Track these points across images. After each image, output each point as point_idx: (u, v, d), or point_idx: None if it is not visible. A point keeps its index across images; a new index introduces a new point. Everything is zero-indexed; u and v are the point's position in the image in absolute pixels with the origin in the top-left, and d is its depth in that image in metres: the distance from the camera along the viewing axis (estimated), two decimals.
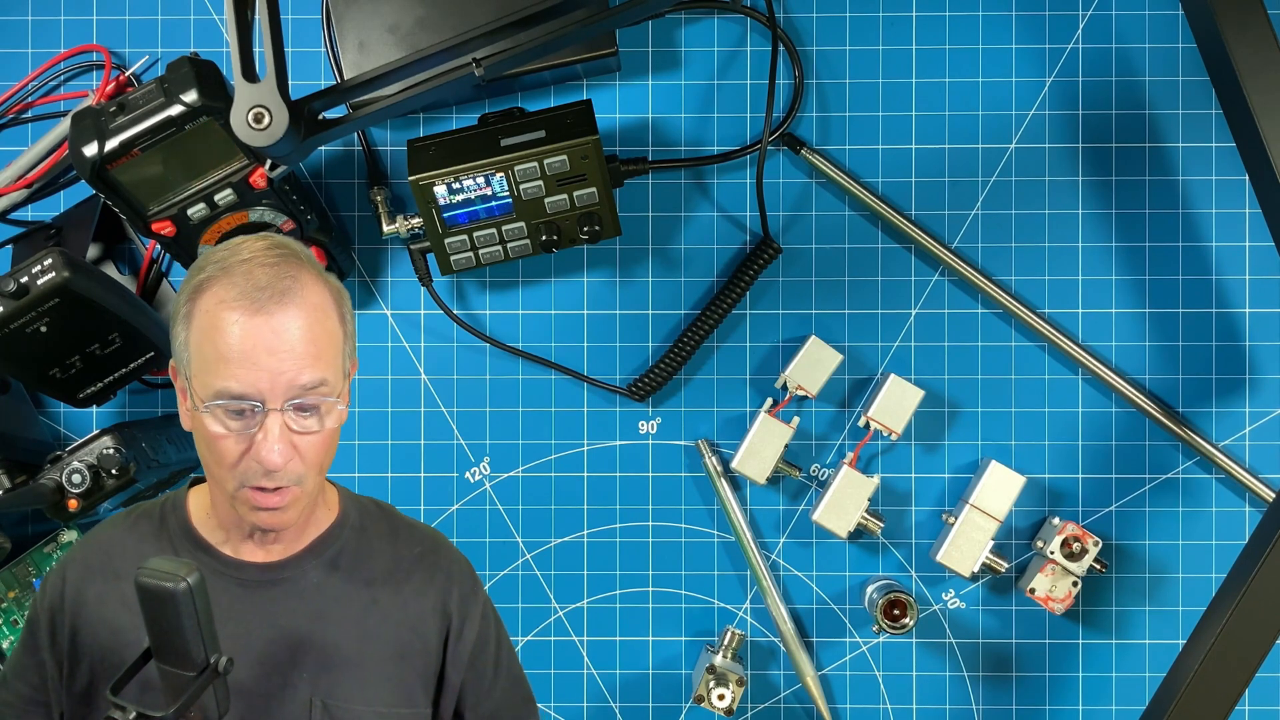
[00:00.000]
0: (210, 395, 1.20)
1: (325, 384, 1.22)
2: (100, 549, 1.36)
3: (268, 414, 1.19)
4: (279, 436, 1.20)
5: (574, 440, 1.82)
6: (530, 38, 1.43)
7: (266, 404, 1.19)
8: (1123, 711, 1.81)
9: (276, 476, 1.21)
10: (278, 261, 1.21)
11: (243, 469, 1.22)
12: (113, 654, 1.29)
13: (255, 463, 1.21)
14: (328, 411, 1.23)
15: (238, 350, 1.18)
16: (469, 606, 1.38)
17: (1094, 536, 1.73)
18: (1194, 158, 1.80)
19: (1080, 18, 1.80)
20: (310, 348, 1.20)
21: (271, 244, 1.24)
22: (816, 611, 1.82)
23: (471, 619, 1.38)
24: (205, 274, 1.22)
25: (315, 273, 1.24)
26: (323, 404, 1.22)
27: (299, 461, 1.22)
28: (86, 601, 1.32)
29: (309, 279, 1.22)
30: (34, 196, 1.80)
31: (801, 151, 1.79)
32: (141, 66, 1.80)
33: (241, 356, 1.18)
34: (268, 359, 1.18)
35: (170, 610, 1.12)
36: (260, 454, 1.20)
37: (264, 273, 1.20)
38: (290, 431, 1.21)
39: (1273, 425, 1.80)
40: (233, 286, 1.20)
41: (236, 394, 1.19)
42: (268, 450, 1.19)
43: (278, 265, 1.21)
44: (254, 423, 1.20)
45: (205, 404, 1.20)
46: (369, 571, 1.35)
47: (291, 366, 1.19)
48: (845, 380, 1.81)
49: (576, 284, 1.83)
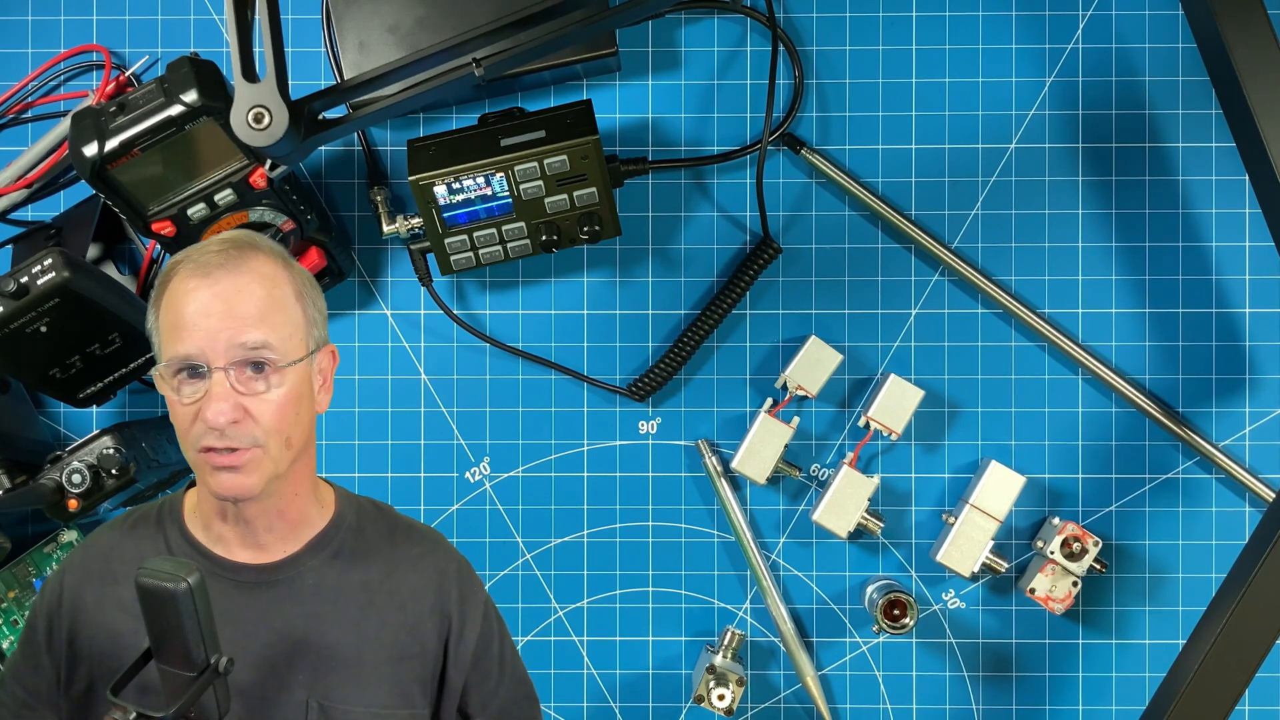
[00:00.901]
0: (166, 363, 1.26)
1: (268, 346, 1.26)
2: (98, 553, 1.36)
3: (211, 373, 1.24)
4: (221, 395, 1.24)
5: (574, 440, 1.82)
6: (530, 38, 1.43)
7: (211, 363, 1.24)
8: (1123, 711, 1.81)
9: (226, 436, 1.24)
10: (232, 244, 1.30)
11: (195, 431, 1.25)
12: (111, 658, 1.29)
13: (202, 423, 1.24)
14: (275, 373, 1.26)
15: (187, 315, 1.25)
16: (469, 607, 1.38)
17: (1094, 536, 1.73)
18: (1194, 158, 1.80)
19: (1080, 18, 1.80)
20: (252, 309, 1.26)
21: (234, 233, 1.33)
22: (816, 611, 1.82)
23: (472, 620, 1.38)
24: (173, 261, 1.30)
25: (271, 253, 1.31)
26: (269, 365, 1.26)
27: (251, 422, 1.25)
28: (85, 606, 1.32)
29: (263, 256, 1.29)
30: (34, 196, 1.80)
31: (801, 151, 1.79)
32: (141, 66, 1.80)
33: (190, 320, 1.25)
34: (210, 320, 1.25)
35: (170, 610, 1.12)
36: (205, 412, 1.24)
37: (216, 250, 1.28)
38: (236, 392, 1.24)
39: (1273, 425, 1.80)
40: (189, 264, 1.27)
41: (183, 355, 1.25)
42: (211, 409, 1.23)
43: (231, 247, 1.29)
44: (203, 386, 1.24)
45: (164, 370, 1.26)
46: (366, 572, 1.35)
47: (232, 325, 1.25)
48: (845, 380, 1.81)
49: (576, 284, 1.83)
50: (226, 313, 1.25)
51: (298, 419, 1.28)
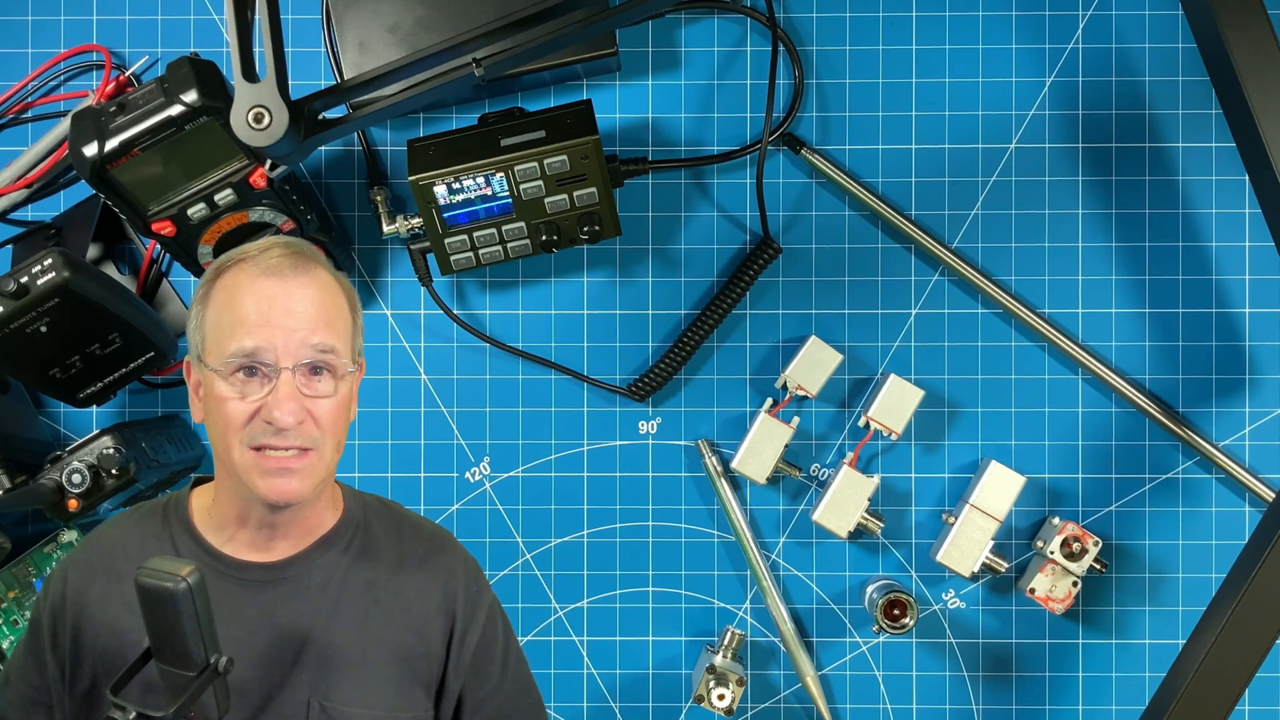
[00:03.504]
0: (225, 356, 1.25)
1: (335, 351, 1.27)
2: (102, 549, 1.36)
3: (280, 373, 1.24)
4: (290, 395, 1.24)
5: (574, 440, 1.82)
6: (530, 38, 1.43)
7: (279, 362, 1.24)
8: (1123, 711, 1.81)
9: (288, 436, 1.24)
10: (293, 249, 1.31)
11: (252, 428, 1.25)
12: (115, 655, 1.29)
13: (266, 422, 1.24)
14: (340, 377, 1.27)
15: (254, 312, 1.25)
16: (473, 609, 1.38)
17: (1094, 536, 1.73)
18: (1194, 158, 1.80)
19: (1080, 18, 1.80)
20: (322, 313, 1.27)
21: (288, 241, 1.34)
22: (816, 611, 1.82)
23: (475, 622, 1.37)
24: (223, 261, 1.30)
25: (328, 266, 1.32)
26: (335, 367, 1.27)
27: (312, 424, 1.26)
28: (89, 603, 1.32)
29: (320, 266, 1.31)
30: (34, 196, 1.81)
31: (801, 151, 1.79)
32: (141, 66, 1.80)
33: (258, 317, 1.25)
34: (283, 318, 1.25)
35: (170, 610, 1.12)
36: (272, 412, 1.24)
37: (279, 251, 1.29)
38: (301, 394, 1.24)
39: (1273, 425, 1.80)
40: (250, 264, 1.28)
41: (250, 351, 1.24)
42: (280, 408, 1.23)
43: (292, 251, 1.30)
44: (267, 383, 1.24)
45: (217, 366, 1.25)
46: (372, 572, 1.35)
47: (304, 326, 1.25)
48: (845, 380, 1.81)
49: (576, 284, 1.83)
50: (297, 312, 1.26)
51: (346, 424, 1.31)
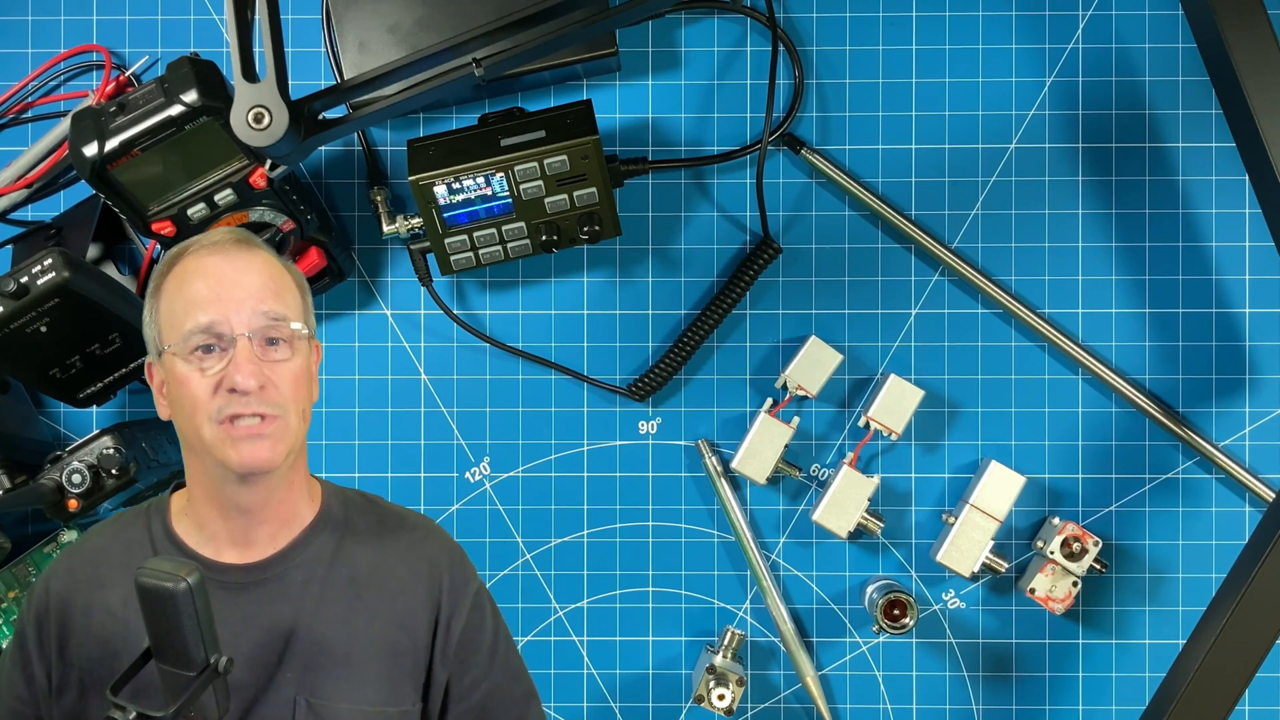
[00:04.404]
0: (181, 336, 1.27)
1: (286, 317, 1.29)
2: (85, 559, 1.35)
3: (236, 340, 1.26)
4: (248, 358, 1.26)
5: (574, 440, 1.82)
6: (530, 38, 1.43)
7: (234, 330, 1.26)
8: (1123, 711, 1.81)
9: (251, 402, 1.25)
10: (234, 233, 1.34)
11: (217, 403, 1.26)
12: (101, 665, 1.28)
13: (229, 390, 1.25)
14: (294, 343, 1.29)
15: (205, 289, 1.28)
16: (458, 598, 1.36)
17: (1094, 536, 1.73)
18: (1194, 158, 1.80)
19: (1080, 18, 1.80)
20: (270, 284, 1.30)
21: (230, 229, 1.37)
22: (816, 611, 1.82)
23: (460, 610, 1.36)
24: (170, 254, 1.33)
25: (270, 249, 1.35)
26: (289, 336, 1.29)
27: (274, 389, 1.27)
28: (74, 612, 1.31)
29: (265, 250, 1.34)
30: (34, 196, 1.81)
31: (801, 151, 1.79)
32: (141, 66, 1.80)
33: (209, 292, 1.27)
34: (232, 290, 1.28)
35: (170, 610, 1.12)
36: (234, 378, 1.25)
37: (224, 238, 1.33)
38: (259, 360, 1.26)
39: (1273, 425, 1.80)
40: (197, 248, 1.31)
41: (206, 325, 1.26)
42: (240, 372, 1.25)
43: (237, 237, 1.33)
44: (225, 356, 1.26)
45: (174, 346, 1.27)
46: (353, 567, 1.34)
47: (254, 295, 1.28)
48: (845, 380, 1.81)
49: (576, 284, 1.83)
50: (246, 284, 1.28)
51: (308, 394, 1.32)
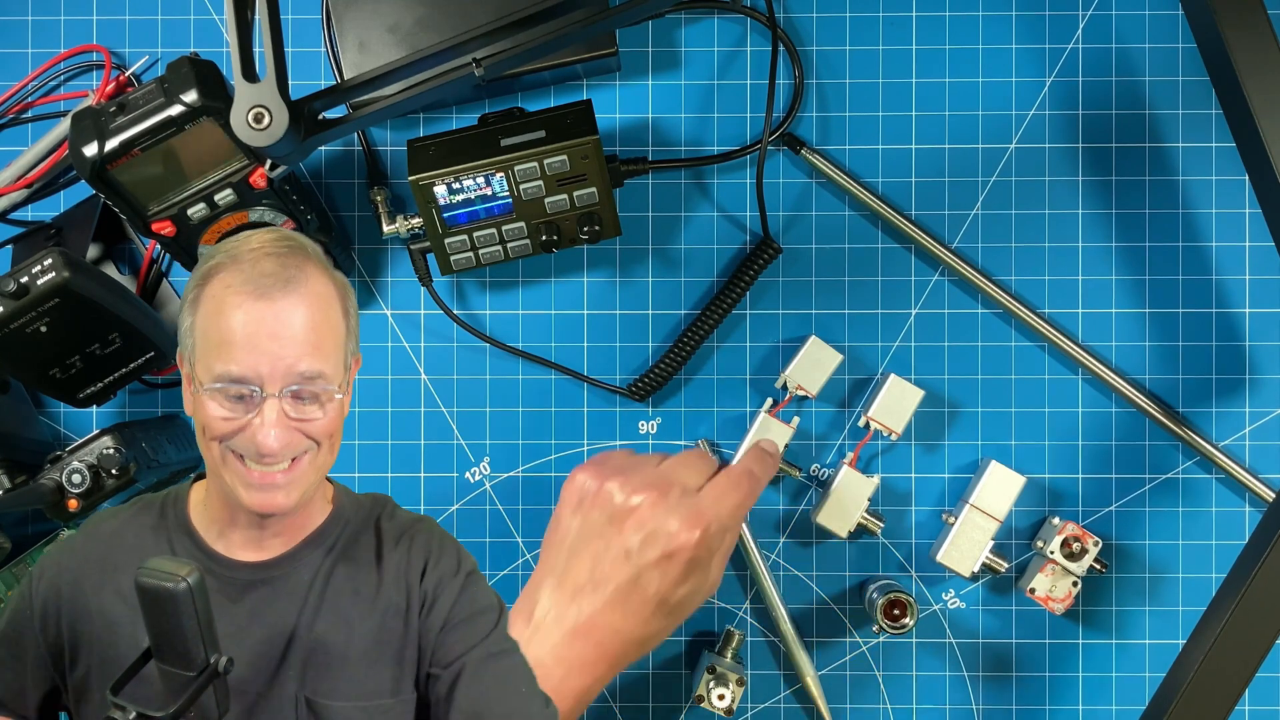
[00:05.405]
0: (211, 379, 1.23)
1: (323, 376, 1.24)
2: (99, 538, 1.35)
3: (265, 399, 1.22)
4: (275, 421, 1.22)
5: (574, 440, 1.82)
6: (530, 38, 1.43)
7: (265, 389, 1.22)
8: (1123, 711, 1.81)
9: (273, 459, 1.24)
10: (284, 252, 1.25)
11: (235, 440, 1.24)
12: (108, 647, 1.29)
13: (250, 443, 1.23)
14: (326, 402, 1.26)
15: (240, 335, 1.21)
16: (440, 581, 1.34)
17: (1094, 536, 1.73)
18: (1194, 158, 1.80)
19: (1080, 18, 1.80)
20: (311, 336, 1.23)
21: (280, 236, 1.29)
22: (816, 611, 1.82)
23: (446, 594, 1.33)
24: (214, 261, 1.26)
25: (321, 265, 1.28)
26: (321, 396, 1.25)
27: (300, 440, 1.25)
28: (84, 590, 1.31)
29: (314, 270, 1.26)
30: (34, 196, 1.80)
31: (801, 151, 1.79)
32: (141, 66, 1.80)
33: (244, 340, 1.21)
34: (269, 344, 1.21)
35: (170, 610, 1.12)
36: (256, 438, 1.22)
37: (270, 262, 1.24)
38: (287, 418, 1.23)
39: (1273, 425, 1.80)
40: (239, 273, 1.23)
41: (236, 377, 1.21)
42: (263, 435, 1.22)
43: (284, 255, 1.25)
44: (252, 407, 1.23)
45: (206, 387, 1.23)
46: (354, 566, 1.35)
47: (291, 353, 1.22)
48: (845, 380, 1.81)
49: (576, 284, 1.83)
50: (285, 337, 1.22)
51: (341, 426, 1.30)
